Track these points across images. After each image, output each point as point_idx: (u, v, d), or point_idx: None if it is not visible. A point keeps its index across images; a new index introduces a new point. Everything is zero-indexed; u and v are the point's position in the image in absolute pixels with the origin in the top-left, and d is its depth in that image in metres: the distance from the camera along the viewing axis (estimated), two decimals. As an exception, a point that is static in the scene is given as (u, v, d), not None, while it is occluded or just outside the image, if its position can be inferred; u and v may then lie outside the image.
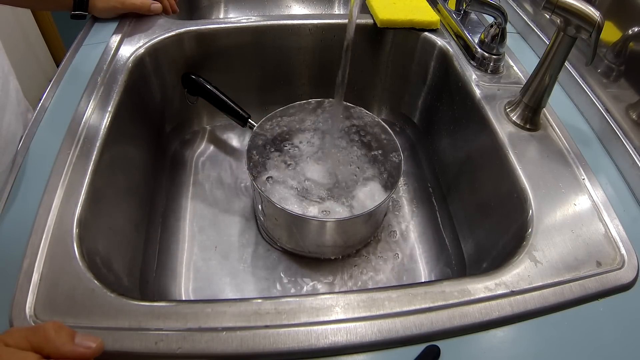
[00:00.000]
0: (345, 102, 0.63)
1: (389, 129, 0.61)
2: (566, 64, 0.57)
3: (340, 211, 0.59)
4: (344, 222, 0.55)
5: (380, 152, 0.64)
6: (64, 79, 0.58)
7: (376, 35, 0.70)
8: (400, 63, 0.72)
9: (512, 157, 0.50)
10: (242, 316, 0.36)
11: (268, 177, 0.63)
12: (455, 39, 0.66)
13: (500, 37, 0.59)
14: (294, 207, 0.59)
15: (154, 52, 0.62)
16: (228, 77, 0.71)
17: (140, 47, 0.61)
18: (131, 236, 0.53)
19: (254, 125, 0.62)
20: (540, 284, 0.39)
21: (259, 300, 0.37)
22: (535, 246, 0.42)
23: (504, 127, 0.53)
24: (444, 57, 0.66)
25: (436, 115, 0.70)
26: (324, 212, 0.59)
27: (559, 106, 0.57)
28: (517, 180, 0.48)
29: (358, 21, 0.69)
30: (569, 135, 0.53)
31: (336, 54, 0.71)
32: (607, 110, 0.55)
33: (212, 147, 0.75)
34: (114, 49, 0.60)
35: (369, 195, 0.60)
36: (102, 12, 0.66)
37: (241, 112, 0.65)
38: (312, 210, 0.59)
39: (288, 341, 0.35)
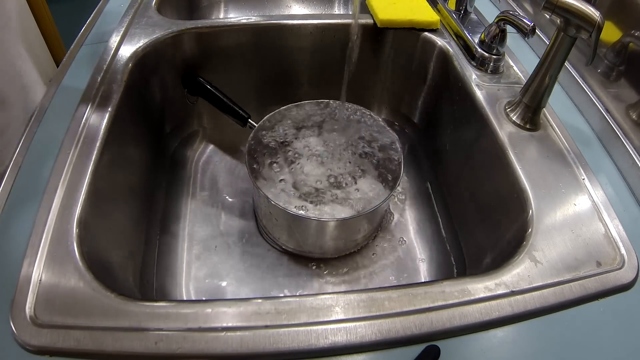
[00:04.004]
0: (346, 102, 0.63)
1: (389, 129, 0.61)
2: (566, 64, 0.57)
3: (340, 210, 0.59)
4: (344, 221, 0.55)
5: (380, 151, 0.64)
6: (64, 79, 0.57)
7: (376, 35, 0.70)
8: (400, 63, 0.72)
9: (512, 157, 0.50)
10: (242, 316, 0.36)
11: (268, 177, 0.63)
12: (455, 39, 0.66)
13: (500, 37, 0.59)
14: (294, 206, 0.59)
15: (154, 52, 0.62)
16: (228, 77, 0.71)
17: (140, 47, 0.61)
18: (131, 236, 0.53)
19: (254, 126, 0.62)
20: (540, 284, 0.39)
21: (259, 300, 0.37)
22: (535, 246, 0.42)
23: (504, 127, 0.53)
24: (444, 57, 0.66)
25: (436, 115, 0.70)
26: (324, 212, 0.59)
27: (559, 106, 0.57)
28: (517, 180, 0.48)
29: (358, 21, 0.69)
30: (569, 135, 0.53)
31: (336, 54, 0.71)
32: (607, 110, 0.55)
33: (212, 147, 0.75)
34: (114, 49, 0.60)
35: (369, 194, 0.60)
36: None
37: (241, 112, 0.65)
38: (312, 210, 0.59)
39: (288, 341, 0.35)
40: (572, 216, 0.44)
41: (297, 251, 0.60)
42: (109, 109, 0.52)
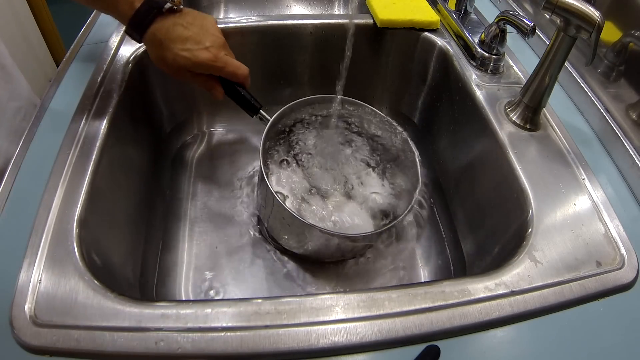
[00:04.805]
0: (359, 101, 0.60)
1: (400, 129, 0.58)
2: (566, 64, 0.57)
3: (356, 216, 0.58)
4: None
5: (395, 151, 0.62)
6: (64, 79, 0.57)
7: (376, 35, 0.70)
8: (400, 63, 0.72)
9: (512, 157, 0.50)
10: (242, 316, 0.36)
11: (281, 178, 0.62)
12: (455, 39, 0.66)
13: (500, 37, 0.59)
14: (305, 211, 0.58)
15: (154, 52, 0.62)
16: (228, 77, 0.71)
17: (140, 47, 0.61)
18: (131, 236, 0.53)
19: (265, 117, 0.58)
20: (540, 284, 0.39)
21: (259, 300, 0.37)
22: (535, 246, 0.42)
23: (504, 127, 0.53)
24: (444, 57, 0.66)
25: (436, 115, 0.70)
26: (340, 215, 0.58)
27: (559, 106, 0.57)
28: (517, 180, 0.48)
29: (358, 21, 0.69)
30: (569, 135, 0.53)
31: (336, 54, 0.71)
32: (607, 110, 0.55)
33: (212, 148, 0.74)
34: (114, 49, 0.60)
35: (384, 200, 0.59)
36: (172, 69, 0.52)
37: (252, 100, 0.59)
38: (323, 215, 0.58)
39: (288, 341, 0.35)
40: (572, 216, 0.44)
41: (299, 253, 0.59)
42: (109, 109, 0.52)
